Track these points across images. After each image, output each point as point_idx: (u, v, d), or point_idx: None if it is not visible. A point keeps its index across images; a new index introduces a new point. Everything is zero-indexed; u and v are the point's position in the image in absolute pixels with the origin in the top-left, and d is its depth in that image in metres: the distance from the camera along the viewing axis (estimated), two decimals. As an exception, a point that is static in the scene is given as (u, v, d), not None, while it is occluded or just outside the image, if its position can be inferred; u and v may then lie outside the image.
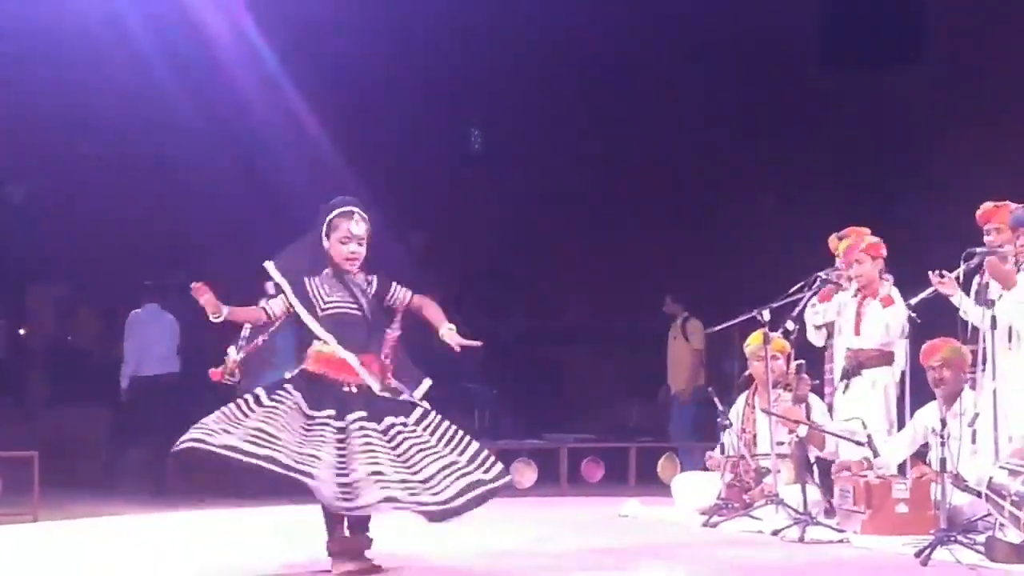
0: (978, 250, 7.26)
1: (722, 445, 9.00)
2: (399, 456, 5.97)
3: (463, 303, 13.60)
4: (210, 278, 6.18)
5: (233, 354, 6.24)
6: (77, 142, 13.71)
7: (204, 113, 12.55)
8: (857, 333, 8.63)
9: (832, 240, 9.01)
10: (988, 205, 7.70)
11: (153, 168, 13.53)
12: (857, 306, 8.67)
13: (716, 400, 9.00)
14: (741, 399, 9.32)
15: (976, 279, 7.43)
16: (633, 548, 7.56)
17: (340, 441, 5.95)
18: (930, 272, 7.87)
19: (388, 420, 6.08)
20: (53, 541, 8.21)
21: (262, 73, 12.71)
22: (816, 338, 9.04)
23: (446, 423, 6.27)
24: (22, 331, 13.05)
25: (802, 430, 8.38)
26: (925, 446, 7.98)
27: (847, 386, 8.63)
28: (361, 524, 6.14)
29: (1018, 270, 7.30)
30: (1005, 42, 12.15)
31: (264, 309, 6.30)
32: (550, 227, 14.20)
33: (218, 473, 6.59)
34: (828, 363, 8.89)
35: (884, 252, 8.68)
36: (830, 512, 8.26)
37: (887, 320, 8.45)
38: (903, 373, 8.46)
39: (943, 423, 6.92)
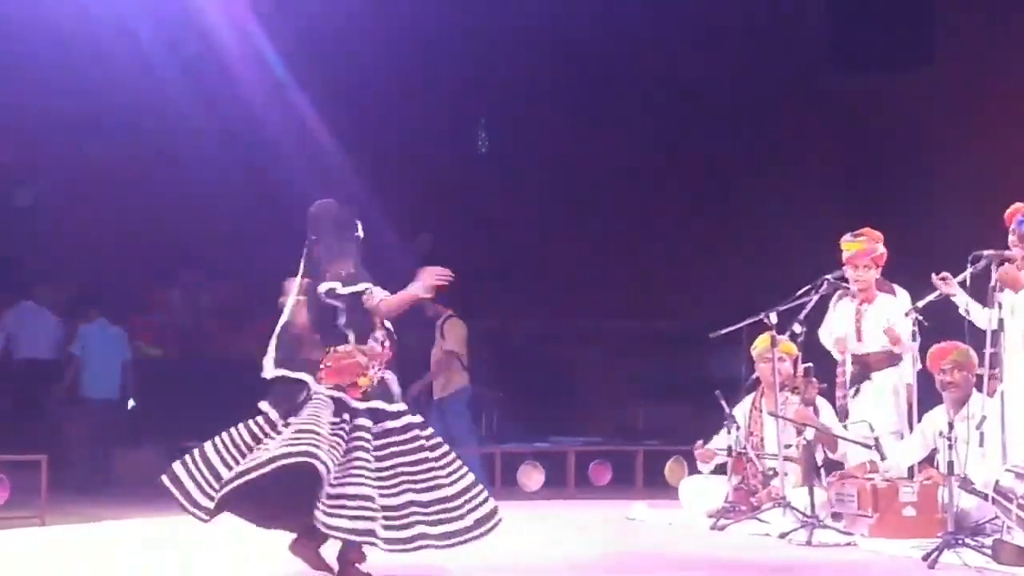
0: (985, 253, 7.24)
1: (729, 448, 8.98)
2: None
3: (470, 305, 13.61)
4: (217, 278, 6.21)
5: None
6: (85, 144, 13.72)
7: (211, 115, 12.55)
8: (859, 339, 8.64)
9: (846, 239, 8.97)
10: (1018, 205, 7.63)
11: (160, 170, 13.53)
12: (856, 312, 8.66)
13: (723, 402, 8.99)
14: (747, 401, 9.31)
15: (992, 283, 7.38)
16: (640, 551, 7.56)
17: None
18: (933, 274, 7.87)
19: None
20: (60, 544, 8.21)
21: (268, 75, 12.72)
22: (834, 350, 9.00)
23: None
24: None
25: (809, 433, 8.38)
26: (934, 450, 7.97)
27: (857, 391, 8.62)
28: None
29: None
30: (1013, 46, 12.12)
31: None
32: (557, 228, 14.18)
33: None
34: (840, 366, 8.88)
35: (884, 262, 8.69)
36: (837, 515, 8.24)
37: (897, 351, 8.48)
38: (914, 375, 8.44)
39: (951, 426, 6.90)
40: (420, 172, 13.89)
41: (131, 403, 7.68)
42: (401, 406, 6.21)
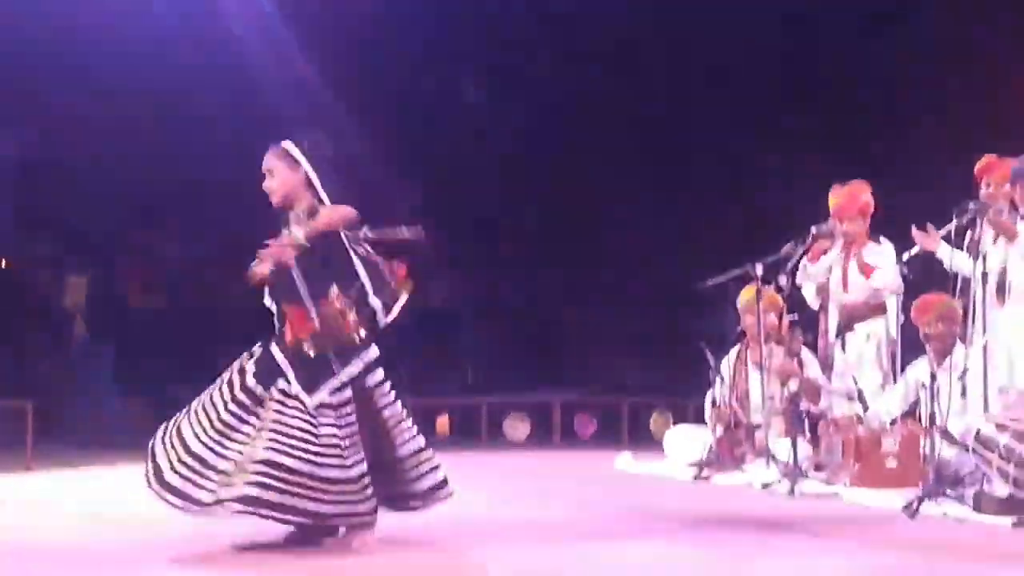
0: (971, 204, 7.25)
1: (713, 399, 9.02)
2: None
3: (460, 257, 13.62)
4: (207, 227, 6.12)
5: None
6: (71, 91, 13.62)
7: (201, 58, 12.45)
8: (845, 289, 8.68)
9: (833, 193, 8.99)
10: (990, 158, 7.69)
11: (150, 117, 13.45)
12: (843, 261, 8.71)
13: (708, 354, 9.02)
14: (733, 353, 9.35)
15: (968, 233, 7.42)
16: (624, 502, 7.59)
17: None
18: (913, 227, 7.91)
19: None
20: (46, 491, 8.23)
21: (260, 20, 12.64)
22: (813, 301, 9.06)
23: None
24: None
25: (794, 384, 8.43)
26: (916, 402, 8.02)
27: (843, 342, 8.67)
28: None
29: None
30: (998, 2, 12.04)
31: None
32: (545, 181, 14.14)
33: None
34: (823, 316, 8.93)
35: (872, 209, 8.72)
36: (820, 466, 8.29)
37: (873, 284, 8.53)
38: (898, 328, 8.48)
39: (933, 378, 6.94)
40: (411, 122, 13.82)
41: None
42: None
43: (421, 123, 13.70)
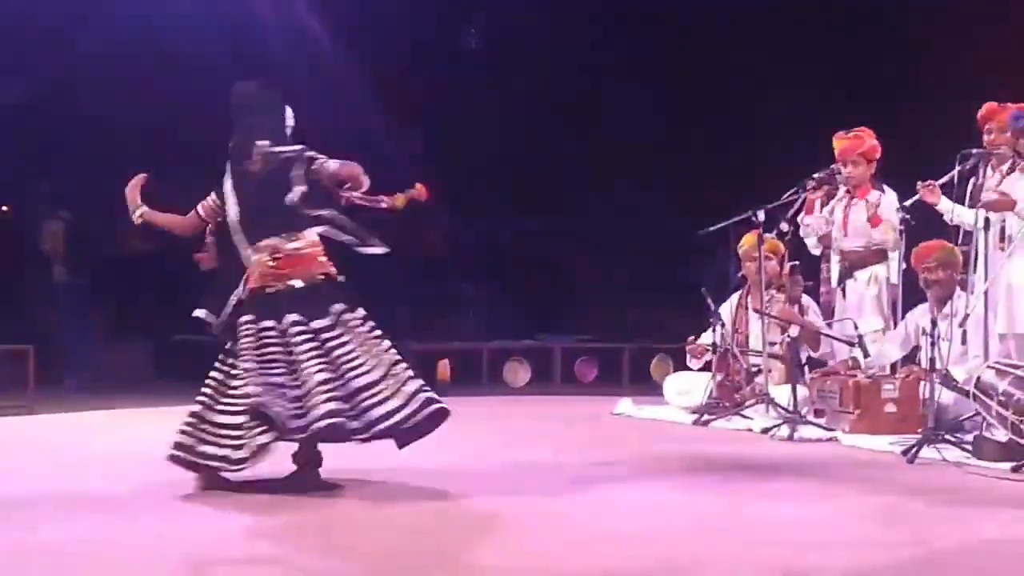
0: (973, 151, 7.25)
1: (714, 344, 9.03)
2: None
3: (461, 202, 13.59)
4: (209, 177, 6.17)
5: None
6: (76, 38, 13.53)
7: (202, 6, 12.37)
8: (846, 234, 8.68)
9: (838, 138, 8.98)
10: (992, 105, 7.67)
11: (150, 65, 13.38)
12: (845, 207, 8.71)
13: (708, 300, 9.03)
14: (734, 298, 9.36)
15: (971, 180, 7.42)
16: (624, 446, 7.62)
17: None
18: (919, 182, 7.91)
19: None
20: (48, 433, 8.27)
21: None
22: (815, 248, 9.06)
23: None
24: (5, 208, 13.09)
25: (794, 330, 8.44)
26: (916, 347, 8.03)
27: (844, 289, 8.68)
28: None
29: (1012, 170, 7.31)
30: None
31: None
32: (549, 127, 14.09)
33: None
34: (824, 263, 8.94)
35: (879, 155, 8.71)
36: (819, 411, 8.32)
37: (874, 235, 8.53)
38: (899, 274, 8.48)
39: (934, 323, 6.94)
40: (413, 67, 13.76)
41: None
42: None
43: (421, 70, 13.63)
